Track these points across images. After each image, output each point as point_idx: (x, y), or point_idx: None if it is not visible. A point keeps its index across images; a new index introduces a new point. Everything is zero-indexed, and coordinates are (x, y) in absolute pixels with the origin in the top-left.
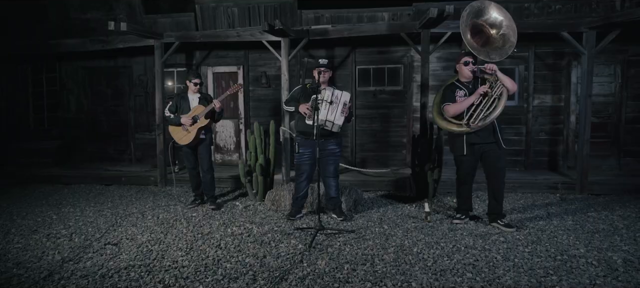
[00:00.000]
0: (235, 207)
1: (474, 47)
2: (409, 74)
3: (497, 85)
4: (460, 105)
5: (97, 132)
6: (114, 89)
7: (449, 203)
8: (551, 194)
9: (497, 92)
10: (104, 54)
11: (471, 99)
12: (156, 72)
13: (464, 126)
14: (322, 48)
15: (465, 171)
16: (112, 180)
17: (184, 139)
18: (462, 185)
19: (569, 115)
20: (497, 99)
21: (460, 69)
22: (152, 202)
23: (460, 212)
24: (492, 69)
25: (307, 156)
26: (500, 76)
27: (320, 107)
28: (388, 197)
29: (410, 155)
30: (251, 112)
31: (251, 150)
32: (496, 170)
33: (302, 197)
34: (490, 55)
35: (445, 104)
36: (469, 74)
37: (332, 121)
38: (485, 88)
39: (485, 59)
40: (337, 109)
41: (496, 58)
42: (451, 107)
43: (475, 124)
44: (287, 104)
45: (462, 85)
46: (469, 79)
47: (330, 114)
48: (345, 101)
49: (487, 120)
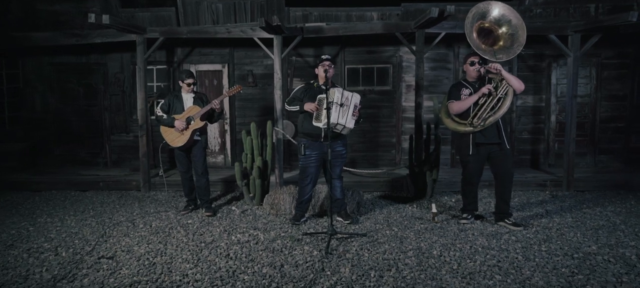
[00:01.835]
0: (232, 212)
1: (479, 47)
2: (397, 74)
3: (502, 84)
4: (464, 102)
5: (67, 134)
6: (87, 88)
7: (448, 203)
8: (541, 191)
9: (502, 91)
10: (75, 49)
11: (475, 97)
12: (138, 70)
13: (468, 125)
14: (311, 47)
15: (472, 171)
16: (87, 185)
17: (177, 140)
18: (468, 186)
19: (550, 115)
20: (502, 98)
21: (467, 69)
22: (139, 209)
23: (467, 212)
24: (496, 68)
25: (314, 158)
26: (506, 75)
27: (331, 109)
28: (386, 198)
29: (399, 155)
30: (237, 112)
31: (247, 152)
32: (504, 172)
33: (307, 200)
34: (498, 55)
35: (449, 101)
36: (476, 73)
37: (343, 124)
38: (488, 87)
39: (491, 59)
40: (348, 111)
41: (504, 57)
42: (455, 104)
43: (478, 123)
44: (290, 103)
45: (469, 84)
46: (475, 78)
47: (342, 117)
48: (356, 103)
49: (490, 119)
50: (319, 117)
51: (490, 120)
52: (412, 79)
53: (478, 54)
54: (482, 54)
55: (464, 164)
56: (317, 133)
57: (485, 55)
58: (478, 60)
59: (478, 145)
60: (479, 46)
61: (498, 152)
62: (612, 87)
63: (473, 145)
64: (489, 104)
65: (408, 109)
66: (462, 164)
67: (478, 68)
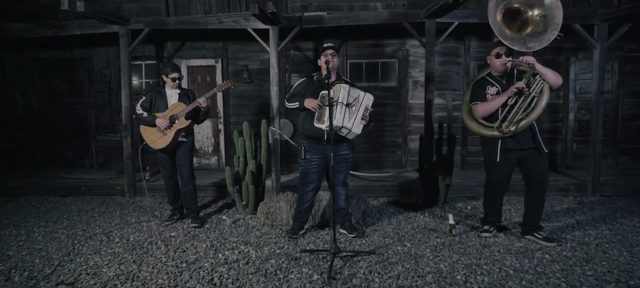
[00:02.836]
0: (222, 222)
1: (505, 36)
2: (404, 69)
3: (536, 80)
4: (491, 104)
5: (51, 134)
6: (71, 84)
7: (463, 210)
8: (564, 197)
9: (536, 88)
10: (58, 43)
11: (503, 98)
12: (122, 64)
13: (496, 130)
14: (311, 40)
15: (498, 179)
16: (68, 190)
17: (158, 141)
18: (493, 195)
19: (568, 113)
20: (536, 96)
21: (491, 61)
22: (120, 218)
23: (488, 223)
24: (528, 62)
25: (315, 163)
26: (540, 69)
27: (335, 109)
28: (394, 204)
29: (406, 156)
30: (231, 110)
31: (240, 155)
32: (539, 179)
33: (307, 209)
34: (528, 43)
35: (473, 103)
36: (502, 67)
37: (349, 128)
38: (520, 84)
39: (521, 50)
40: (357, 114)
41: (536, 46)
42: (480, 107)
43: (509, 127)
44: (290, 100)
45: (494, 81)
46: (501, 72)
47: (348, 120)
48: (367, 105)
49: (523, 123)
50: (321, 117)
51: (524, 123)
52: (419, 75)
53: (504, 43)
54: (511, 44)
55: (490, 170)
56: (318, 135)
57: (514, 46)
58: (505, 51)
59: (507, 152)
60: (505, 33)
61: (532, 156)
62: (636, 83)
63: (502, 152)
64: (521, 105)
65: (415, 106)
66: (487, 169)
67: (505, 61)
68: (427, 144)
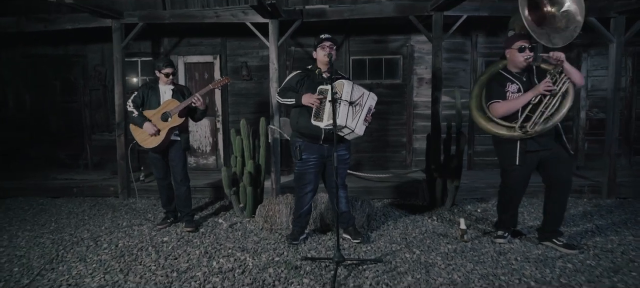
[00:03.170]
0: (218, 225)
1: (534, 28)
2: (408, 66)
3: (562, 79)
4: (514, 103)
5: (44, 134)
6: (65, 82)
7: (473, 213)
8: (578, 199)
9: (561, 87)
10: (52, 39)
11: (528, 96)
12: (115, 60)
13: (518, 130)
14: (312, 35)
15: (516, 183)
16: (60, 191)
17: (149, 140)
18: (509, 199)
19: (579, 111)
20: (562, 96)
21: (512, 55)
22: (111, 222)
23: (503, 228)
24: (558, 58)
25: (312, 163)
26: (568, 68)
27: (338, 107)
28: (398, 207)
29: (410, 156)
30: (230, 108)
31: (237, 155)
32: (562, 183)
33: (306, 213)
34: (553, 39)
35: (492, 102)
36: (524, 62)
37: (351, 129)
38: (548, 83)
39: (546, 44)
40: (361, 114)
41: (559, 43)
42: (501, 106)
43: (534, 128)
44: (283, 94)
45: (514, 77)
46: (521, 68)
47: (351, 120)
48: (371, 105)
49: (549, 123)
50: (319, 114)
51: (548, 125)
52: (424, 72)
53: (528, 36)
54: (538, 38)
55: (507, 173)
56: (315, 134)
57: (541, 39)
58: (529, 45)
59: (527, 154)
60: (534, 27)
61: (555, 157)
62: None
63: (521, 154)
64: (547, 104)
65: (420, 104)
66: (504, 172)
67: (528, 56)
68: (434, 144)
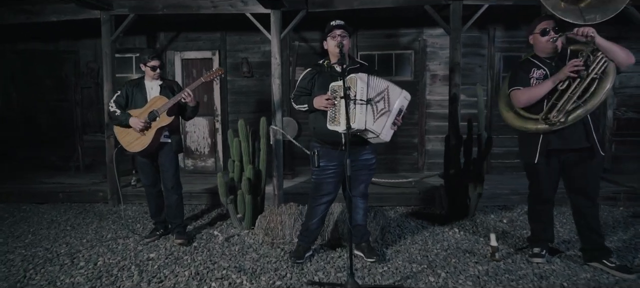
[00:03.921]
0: (213, 238)
1: (556, 6)
2: (421, 62)
3: (597, 58)
4: (536, 90)
5: (34, 134)
6: (56, 79)
7: (498, 225)
8: (612, 208)
9: (597, 69)
10: (41, 34)
11: (551, 80)
12: (104, 55)
13: (542, 121)
14: (317, 29)
15: (541, 185)
16: (45, 197)
17: (135, 143)
18: (539, 204)
19: (606, 109)
20: (597, 79)
21: (535, 40)
22: (94, 233)
23: (538, 243)
24: (586, 33)
25: (331, 171)
26: (602, 43)
27: (355, 106)
28: (414, 216)
29: (423, 158)
30: (229, 107)
31: (235, 158)
32: (588, 189)
33: (317, 225)
34: (586, 15)
35: (513, 89)
36: (550, 46)
37: (376, 133)
38: (576, 64)
39: (574, 21)
40: (388, 117)
41: (597, 18)
42: (522, 93)
43: (558, 118)
44: (297, 100)
45: (541, 62)
46: (549, 53)
47: (372, 122)
48: (402, 106)
49: (578, 112)
50: (336, 117)
51: (579, 113)
52: (438, 68)
53: (553, 17)
54: (563, 15)
55: (530, 176)
56: (334, 139)
57: (567, 17)
58: (553, 26)
59: (548, 152)
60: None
61: (582, 159)
62: None
63: (542, 151)
64: (575, 90)
65: (433, 103)
66: (528, 174)
67: (553, 37)
68: (453, 146)
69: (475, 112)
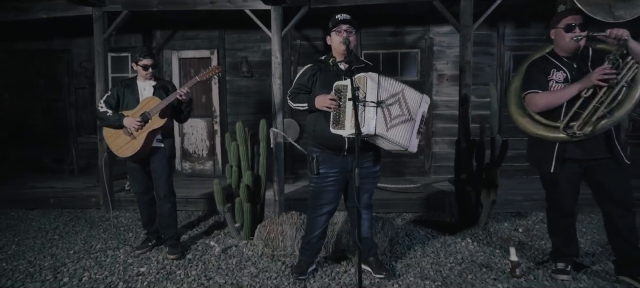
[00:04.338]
0: (209, 250)
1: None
2: (427, 61)
3: (627, 64)
4: (557, 95)
5: (26, 135)
6: (49, 79)
7: (513, 234)
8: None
9: (627, 75)
10: (34, 33)
11: (576, 87)
12: (96, 53)
13: (562, 131)
14: (319, 27)
15: (561, 196)
16: (36, 202)
17: (125, 147)
18: (560, 216)
19: None
20: (625, 87)
21: (558, 36)
22: (83, 243)
23: (562, 258)
24: (619, 36)
25: (332, 179)
26: (635, 48)
27: (364, 110)
28: (423, 224)
29: (429, 161)
30: (228, 108)
31: (232, 164)
32: (618, 199)
33: (319, 237)
34: (615, 11)
35: (530, 92)
36: (573, 44)
37: (402, 144)
38: (606, 70)
39: (603, 19)
40: (413, 126)
41: (626, 16)
42: (541, 97)
43: (584, 129)
44: (294, 98)
45: (561, 63)
46: (570, 52)
47: (389, 128)
48: (423, 112)
49: (603, 123)
50: (340, 120)
51: (604, 124)
52: (445, 67)
53: (580, 11)
54: (591, 12)
55: (548, 185)
56: (336, 144)
57: (595, 14)
58: (580, 22)
59: (565, 161)
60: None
61: (605, 168)
62: None
63: (558, 160)
64: (602, 99)
65: (440, 104)
66: (545, 183)
67: (579, 35)
68: (465, 150)
69: (483, 113)
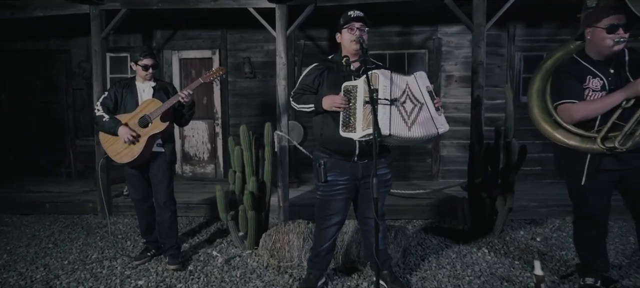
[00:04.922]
0: (211, 260)
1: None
2: (435, 62)
3: None
4: (596, 105)
5: (23, 137)
6: (46, 80)
7: (531, 244)
8: None
9: None
10: (31, 32)
11: (618, 97)
12: (94, 53)
13: (600, 143)
14: (325, 27)
15: (591, 208)
16: (31, 207)
17: (124, 152)
18: (590, 228)
19: None
20: None
21: (596, 37)
22: (79, 252)
23: (590, 273)
24: None
25: (341, 187)
26: None
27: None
28: (435, 232)
29: (437, 165)
30: (230, 110)
31: (236, 169)
32: None
33: (328, 250)
34: None
35: (564, 102)
36: (613, 48)
37: (428, 135)
38: None
39: None
40: (429, 108)
41: None
42: (579, 110)
43: (627, 144)
44: (298, 99)
45: (596, 68)
46: (605, 56)
47: (398, 125)
48: (427, 87)
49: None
50: (350, 122)
51: None
52: (454, 68)
53: (626, 7)
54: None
55: (576, 195)
56: (346, 149)
57: None
58: (624, 23)
59: (598, 172)
60: None
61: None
62: None
63: (590, 172)
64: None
65: (449, 106)
66: (572, 193)
67: (622, 38)
68: (478, 154)
69: (493, 116)
